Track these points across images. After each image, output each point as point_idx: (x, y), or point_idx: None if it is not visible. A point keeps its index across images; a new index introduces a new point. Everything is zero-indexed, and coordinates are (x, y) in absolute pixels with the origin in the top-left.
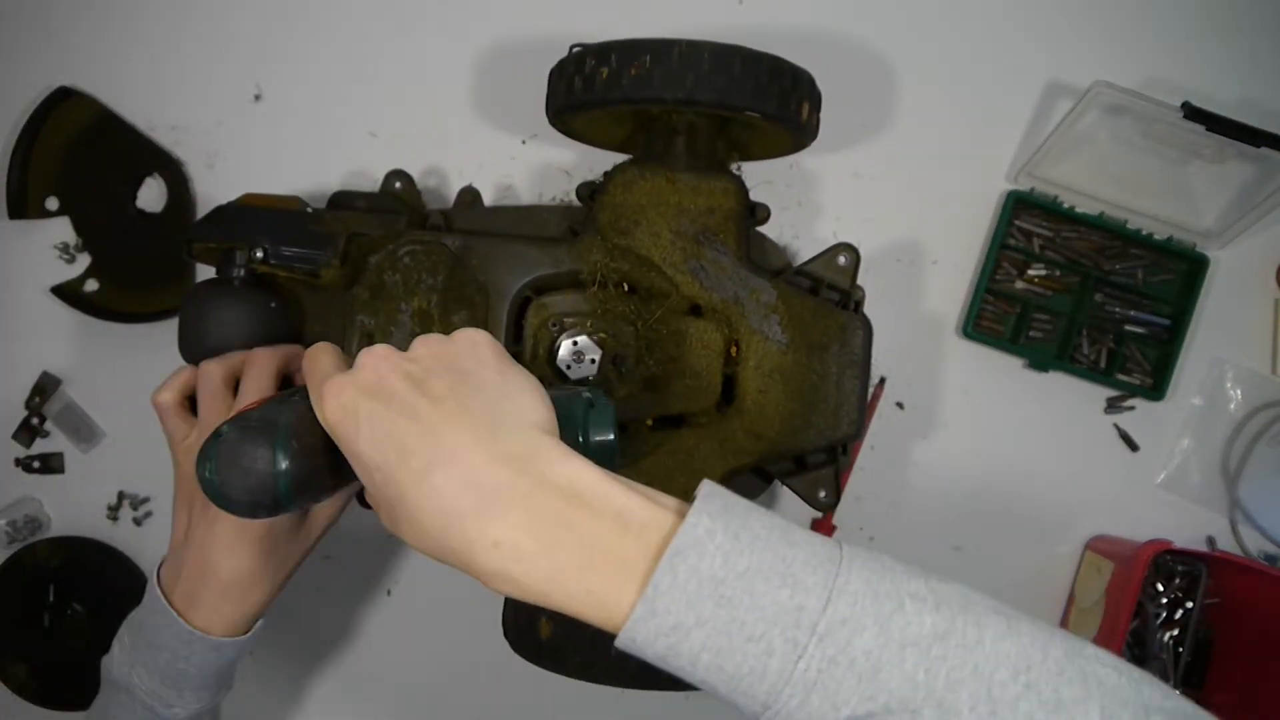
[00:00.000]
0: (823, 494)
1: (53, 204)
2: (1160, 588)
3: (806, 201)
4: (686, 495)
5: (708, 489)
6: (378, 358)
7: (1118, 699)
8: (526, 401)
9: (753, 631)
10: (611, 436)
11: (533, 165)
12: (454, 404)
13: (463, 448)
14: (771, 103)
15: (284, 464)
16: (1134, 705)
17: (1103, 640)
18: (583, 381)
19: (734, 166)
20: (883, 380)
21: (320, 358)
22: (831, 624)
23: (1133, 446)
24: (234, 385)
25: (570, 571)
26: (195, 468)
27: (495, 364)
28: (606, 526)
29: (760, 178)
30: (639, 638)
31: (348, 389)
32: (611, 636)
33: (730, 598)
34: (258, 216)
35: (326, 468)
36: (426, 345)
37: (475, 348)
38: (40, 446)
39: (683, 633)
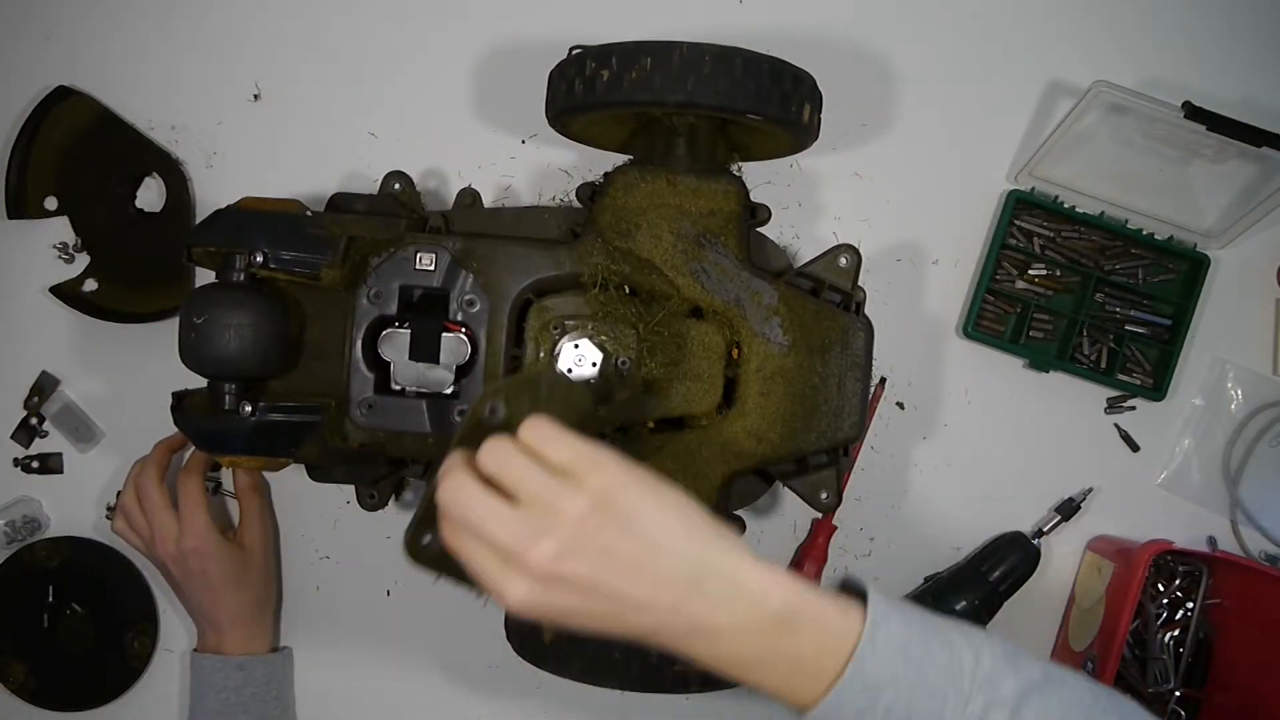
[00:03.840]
0: (824, 495)
1: (51, 204)
2: (1161, 588)
3: (807, 202)
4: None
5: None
6: (548, 554)
7: None
8: (690, 518)
9: (933, 688)
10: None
11: (533, 165)
12: (649, 576)
13: (673, 602)
14: (773, 105)
15: None
16: None
17: (1103, 640)
18: (584, 384)
19: (734, 167)
20: (883, 381)
21: (477, 548)
22: (985, 677)
23: (1133, 446)
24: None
25: (780, 678)
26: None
27: (647, 500)
28: (808, 641)
29: (760, 178)
30: (844, 698)
31: (536, 598)
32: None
33: (911, 661)
34: (257, 220)
35: None
36: (583, 519)
37: (621, 491)
38: (39, 446)
39: (877, 691)
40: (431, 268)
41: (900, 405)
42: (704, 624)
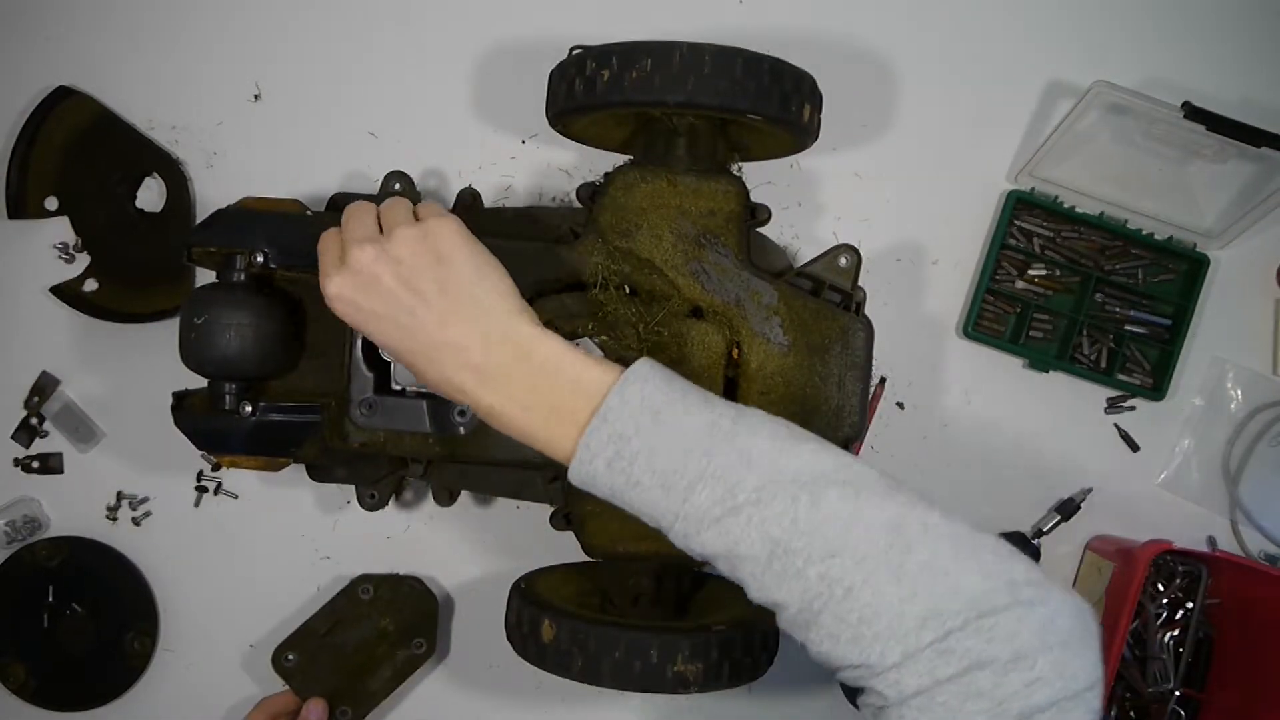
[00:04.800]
0: None
1: (52, 204)
2: (1161, 588)
3: (807, 202)
4: None
5: (641, 365)
6: (370, 258)
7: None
8: (498, 282)
9: (679, 439)
10: None
11: (533, 165)
12: (444, 301)
13: (457, 337)
14: (773, 105)
15: None
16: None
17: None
18: None
19: (734, 167)
20: (883, 380)
21: (329, 246)
22: (737, 430)
23: (1133, 446)
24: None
25: (539, 424)
26: None
27: (467, 251)
28: (566, 390)
29: (761, 178)
30: (593, 443)
31: (346, 288)
32: (613, 638)
33: (661, 415)
34: (257, 220)
35: None
36: (407, 244)
37: (450, 238)
38: (39, 446)
39: (624, 440)
40: None
41: (900, 405)
42: (476, 360)
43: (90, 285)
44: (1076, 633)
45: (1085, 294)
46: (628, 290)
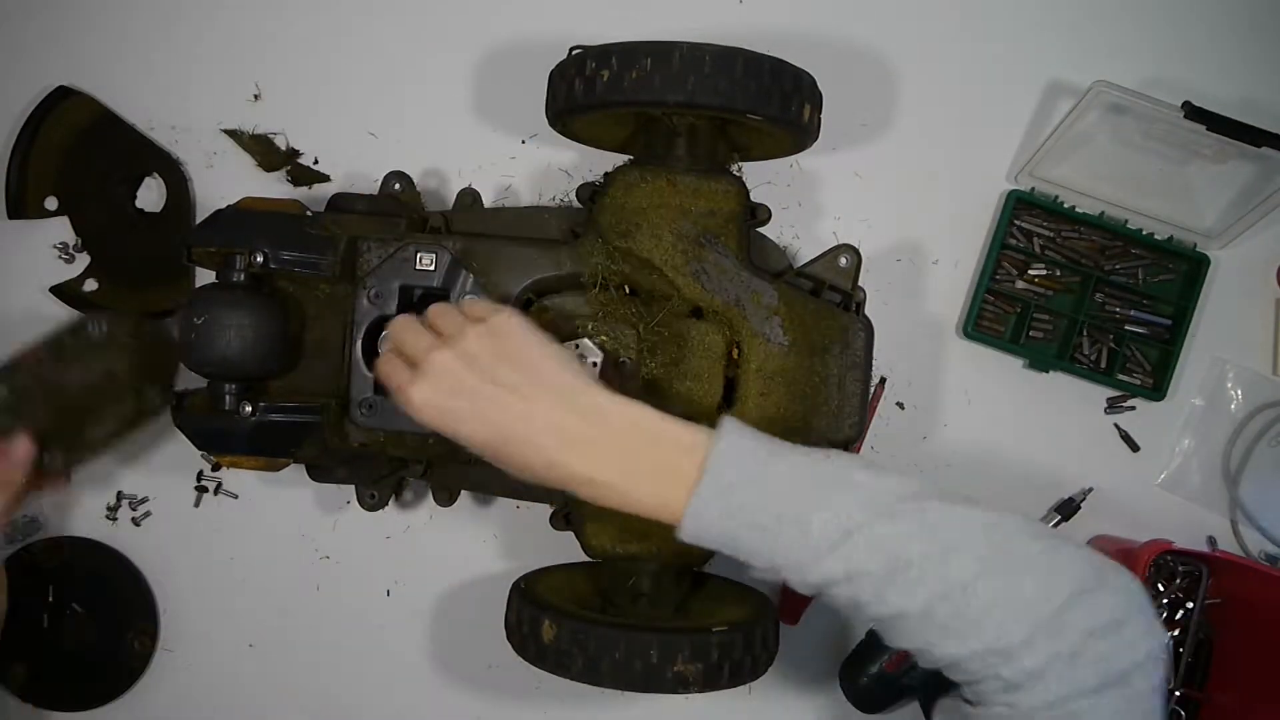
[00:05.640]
0: None
1: (52, 204)
2: (1161, 588)
3: (807, 202)
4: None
5: (729, 422)
6: (448, 360)
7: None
8: (569, 362)
9: (786, 480)
10: None
11: (533, 165)
12: (529, 388)
13: (553, 419)
14: (773, 105)
15: None
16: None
17: None
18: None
19: (734, 167)
20: (883, 380)
21: (393, 367)
22: (832, 465)
23: (1133, 446)
24: None
25: (644, 487)
26: None
27: (534, 338)
28: (668, 450)
29: (761, 178)
30: (705, 494)
31: (429, 393)
32: (613, 638)
33: (765, 462)
34: (257, 221)
35: None
36: (477, 341)
37: (515, 329)
38: None
39: (733, 489)
40: (431, 268)
41: (900, 405)
42: (579, 435)
43: (90, 285)
44: (1146, 602)
45: (1085, 294)
46: (628, 290)
